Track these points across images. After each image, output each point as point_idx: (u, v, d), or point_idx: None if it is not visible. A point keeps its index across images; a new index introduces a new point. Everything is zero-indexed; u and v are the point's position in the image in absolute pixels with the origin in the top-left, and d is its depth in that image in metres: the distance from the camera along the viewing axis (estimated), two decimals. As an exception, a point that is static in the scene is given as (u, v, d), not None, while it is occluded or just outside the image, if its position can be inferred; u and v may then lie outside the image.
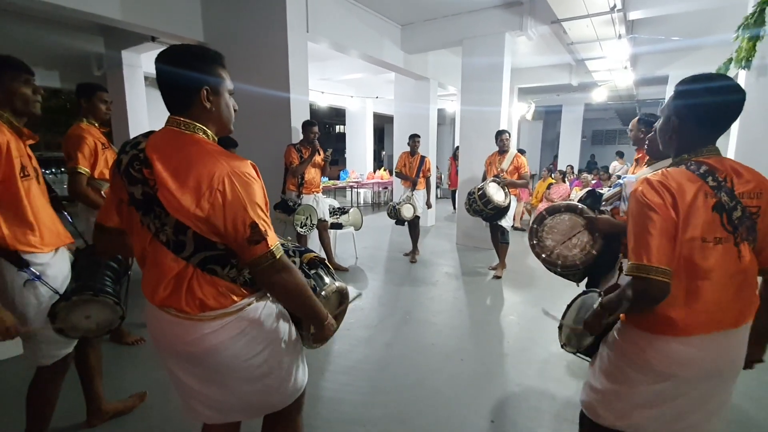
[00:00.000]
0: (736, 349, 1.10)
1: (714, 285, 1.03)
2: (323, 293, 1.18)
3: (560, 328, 1.46)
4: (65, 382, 1.68)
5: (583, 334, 1.34)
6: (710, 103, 1.05)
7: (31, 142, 1.51)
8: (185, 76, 1.00)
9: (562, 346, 1.43)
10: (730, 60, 3.38)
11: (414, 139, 4.86)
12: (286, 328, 1.15)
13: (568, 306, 1.46)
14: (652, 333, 1.09)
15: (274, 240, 0.98)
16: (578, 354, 1.39)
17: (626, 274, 1.04)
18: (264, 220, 0.98)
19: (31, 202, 1.44)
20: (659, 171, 1.07)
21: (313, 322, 1.13)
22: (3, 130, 1.38)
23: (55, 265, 1.50)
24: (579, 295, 1.45)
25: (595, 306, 1.16)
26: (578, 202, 1.40)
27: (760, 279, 1.13)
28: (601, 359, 1.24)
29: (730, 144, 3.61)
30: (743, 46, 3.04)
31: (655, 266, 0.99)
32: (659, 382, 1.10)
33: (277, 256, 0.97)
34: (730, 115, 1.07)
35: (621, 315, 1.16)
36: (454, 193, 8.41)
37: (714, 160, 1.06)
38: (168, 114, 1.04)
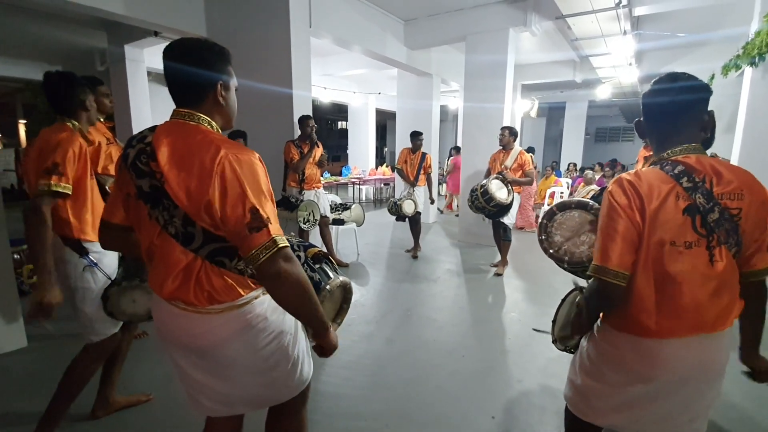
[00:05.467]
0: (714, 354, 1.06)
1: (684, 289, 1.00)
2: (328, 287, 1.18)
3: (553, 323, 1.47)
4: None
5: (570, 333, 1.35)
6: (663, 100, 1.07)
7: (91, 148, 1.77)
8: (202, 71, 1.01)
9: (553, 342, 1.45)
10: (737, 56, 3.36)
11: (416, 138, 4.81)
12: (292, 321, 1.15)
13: (562, 301, 1.47)
14: (628, 333, 1.08)
15: (277, 231, 0.93)
16: (567, 350, 1.40)
17: (588, 274, 1.07)
18: (268, 209, 0.94)
19: (94, 198, 1.68)
20: (634, 171, 1.07)
21: (316, 327, 1.03)
22: (79, 138, 1.62)
23: (108, 255, 1.72)
24: (571, 291, 1.45)
25: (576, 301, 1.17)
26: (590, 199, 1.36)
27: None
28: (581, 356, 1.24)
29: (735, 140, 3.60)
30: (756, 42, 2.98)
31: (613, 270, 1.00)
32: (637, 383, 1.09)
33: (280, 245, 0.91)
34: (682, 107, 1.06)
35: (600, 314, 1.17)
36: None
37: (693, 159, 1.03)
38: (173, 108, 1.04)
